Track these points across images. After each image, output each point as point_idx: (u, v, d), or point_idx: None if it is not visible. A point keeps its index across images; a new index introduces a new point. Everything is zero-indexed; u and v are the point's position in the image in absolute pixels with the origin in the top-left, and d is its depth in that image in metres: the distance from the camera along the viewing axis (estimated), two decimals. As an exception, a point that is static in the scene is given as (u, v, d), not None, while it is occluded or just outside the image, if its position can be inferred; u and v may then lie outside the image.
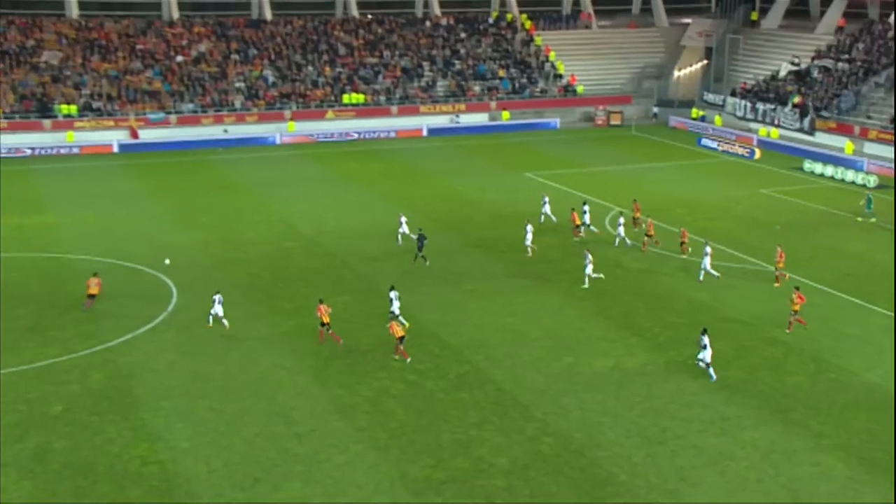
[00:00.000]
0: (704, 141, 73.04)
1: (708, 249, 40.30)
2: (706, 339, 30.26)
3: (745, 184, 59.37)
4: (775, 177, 61.94)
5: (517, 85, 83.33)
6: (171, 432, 26.76)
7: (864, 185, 58.49)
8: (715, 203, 54.06)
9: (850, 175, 60.37)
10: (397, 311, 34.49)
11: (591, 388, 29.68)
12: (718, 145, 71.45)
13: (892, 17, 78.38)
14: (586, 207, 46.66)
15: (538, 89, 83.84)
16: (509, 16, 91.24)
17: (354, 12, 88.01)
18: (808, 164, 63.62)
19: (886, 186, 56.82)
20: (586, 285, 38.98)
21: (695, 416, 27.83)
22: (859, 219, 49.90)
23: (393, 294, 34.87)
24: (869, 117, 69.69)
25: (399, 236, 44.72)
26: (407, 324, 33.22)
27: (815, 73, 76.88)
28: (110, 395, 28.96)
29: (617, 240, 44.41)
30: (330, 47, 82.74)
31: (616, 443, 26.42)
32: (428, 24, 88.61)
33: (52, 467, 24.96)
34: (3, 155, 65.78)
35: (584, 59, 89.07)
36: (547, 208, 48.64)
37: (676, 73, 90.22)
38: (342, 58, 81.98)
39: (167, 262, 41.31)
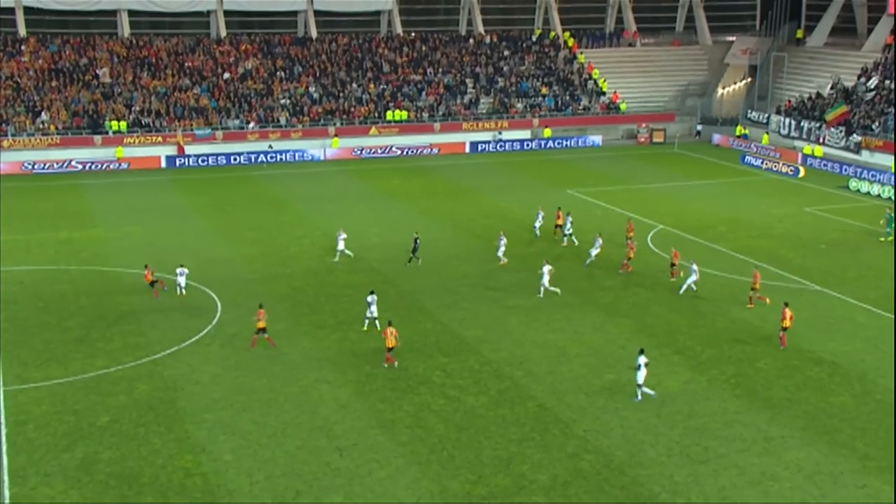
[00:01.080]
0: (748, 159, 72.38)
1: (695, 267, 40.30)
2: (641, 360, 29.56)
3: (789, 202, 58.70)
4: (820, 195, 61.15)
5: (560, 102, 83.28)
6: (215, 444, 27.00)
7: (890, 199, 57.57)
8: (758, 221, 53.50)
9: (897, 194, 59.48)
10: (375, 315, 35.06)
11: (632, 405, 29.45)
12: (762, 163, 70.73)
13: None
14: (569, 218, 47.70)
15: (581, 106, 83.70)
16: (552, 34, 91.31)
17: (398, 29, 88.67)
18: (854, 183, 62.76)
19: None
20: (541, 295, 39.30)
21: (737, 436, 27.49)
22: (882, 238, 49.01)
23: (371, 298, 35.32)
24: (917, 135, 68.59)
25: (337, 254, 44.68)
26: (395, 331, 32.73)
27: (862, 91, 75.86)
28: (155, 406, 29.32)
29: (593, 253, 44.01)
30: (374, 64, 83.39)
31: (657, 461, 26.16)
32: (471, 41, 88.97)
33: (98, 477, 25.30)
34: (55, 170, 67.13)
35: (627, 77, 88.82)
36: (538, 223, 49.24)
37: (720, 91, 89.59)
38: (386, 75, 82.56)
39: (340, 253, 44.24)
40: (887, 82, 75.03)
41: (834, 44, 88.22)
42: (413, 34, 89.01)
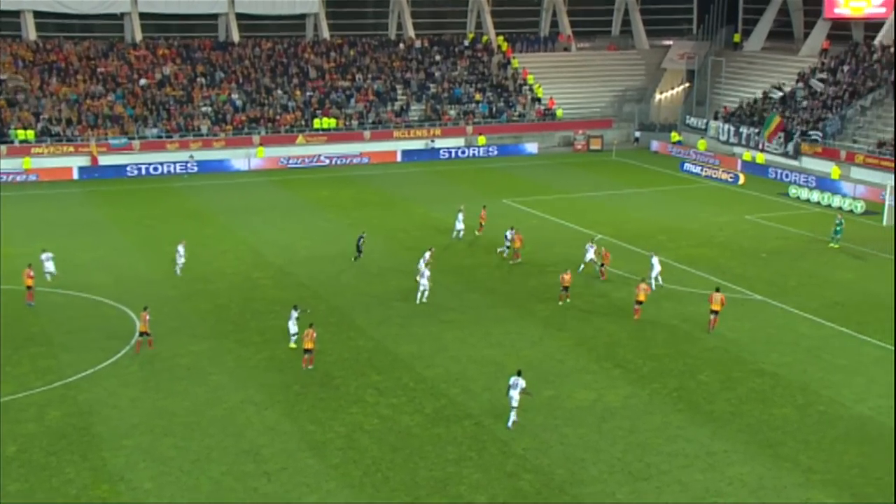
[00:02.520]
0: (687, 166, 73.75)
1: (655, 260, 42.21)
2: (517, 382, 29.14)
3: (729, 210, 59.94)
4: (760, 202, 62.58)
5: (494, 109, 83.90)
6: (134, 472, 26.47)
7: (851, 211, 59.13)
8: (699, 230, 54.50)
9: (837, 200, 61.11)
10: (294, 330, 34.81)
11: (573, 422, 29.70)
12: (702, 170, 72.15)
13: (877, 39, 79.75)
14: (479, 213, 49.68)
15: (516, 113, 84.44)
16: (485, 38, 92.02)
17: (325, 34, 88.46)
18: (793, 190, 64.36)
19: (874, 213, 57.51)
20: (424, 299, 40.22)
21: (679, 451, 27.90)
22: (831, 244, 50.39)
23: (294, 313, 35.16)
24: (855, 141, 70.66)
25: (178, 267, 44.72)
26: (314, 333, 33.65)
27: (800, 97, 77.94)
28: (68, 433, 28.64)
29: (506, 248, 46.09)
30: (300, 70, 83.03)
31: (599, 479, 26.41)
32: (402, 46, 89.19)
33: (6, 511, 24.61)
34: (-44, 182, 65.36)
35: (563, 83, 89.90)
36: (459, 223, 50.83)
37: (658, 97, 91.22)
38: (313, 81, 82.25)
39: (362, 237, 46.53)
40: (825, 87, 77.15)
41: (771, 48, 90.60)
42: (341, 38, 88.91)
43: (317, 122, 77.72)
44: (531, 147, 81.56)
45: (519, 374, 29.54)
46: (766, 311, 40.48)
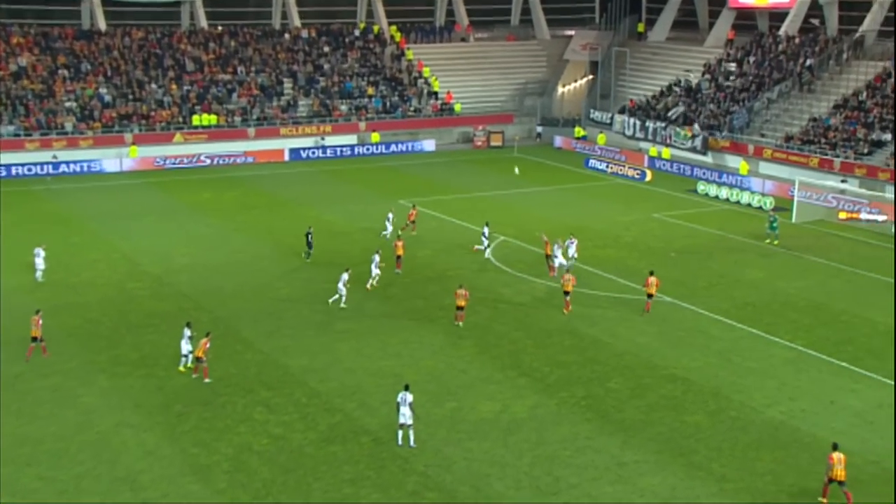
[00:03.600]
0: (592, 162, 75.13)
1: (571, 240, 44.77)
2: (406, 397, 29.09)
3: (636, 208, 61.28)
4: (668, 200, 64.18)
5: (388, 104, 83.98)
6: (-5, 507, 25.64)
7: (760, 208, 61.18)
8: (605, 229, 55.58)
9: (745, 197, 63.08)
10: (187, 350, 34.38)
11: (477, 435, 29.94)
12: (607, 167, 73.60)
13: (782, 29, 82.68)
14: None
15: (411, 108, 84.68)
16: (377, 27, 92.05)
17: (203, 23, 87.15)
18: (702, 186, 66.20)
19: (783, 209, 59.58)
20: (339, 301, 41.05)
21: (589, 463, 28.40)
22: (767, 241, 52.06)
23: (187, 331, 34.71)
24: (763, 135, 73.07)
25: (38, 273, 44.54)
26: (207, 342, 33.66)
27: (706, 89, 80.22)
28: (-80, 466, 27.55)
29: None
30: (176, 62, 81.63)
31: (505, 495, 26.68)
32: (287, 36, 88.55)
33: None
34: None
35: (460, 75, 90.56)
36: (389, 224, 51.78)
37: (560, 90, 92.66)
38: (190, 74, 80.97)
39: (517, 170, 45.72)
40: (732, 78, 79.64)
41: (676, 38, 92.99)
42: (220, 28, 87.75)
43: (196, 119, 76.52)
44: (428, 144, 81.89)
45: (406, 388, 29.53)
46: (675, 313, 41.53)
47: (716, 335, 38.92)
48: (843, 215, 57.57)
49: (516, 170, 50.92)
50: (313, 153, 77.96)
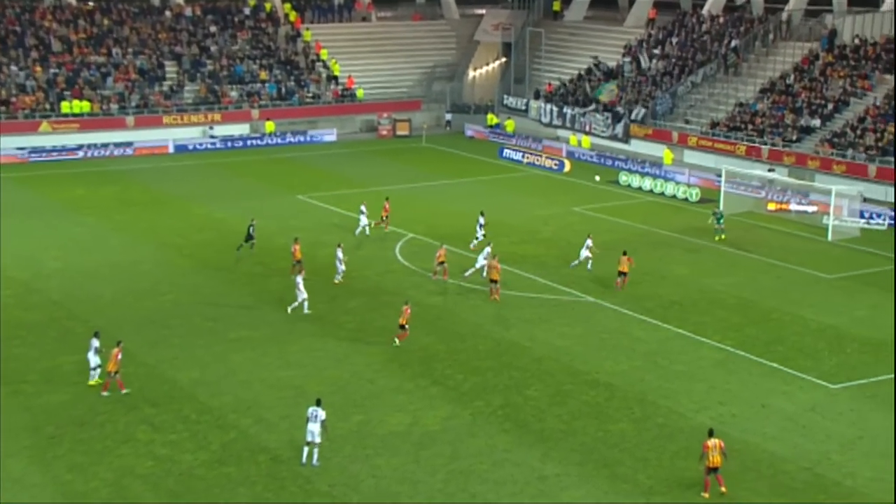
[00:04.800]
0: (507, 152, 75.65)
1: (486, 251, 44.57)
2: (316, 413, 28.83)
3: (554, 201, 61.87)
4: (588, 192, 64.92)
5: (284, 90, 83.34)
6: None
7: (685, 199, 62.27)
8: (521, 224, 55.98)
9: (670, 188, 64.18)
10: (96, 363, 33.82)
11: (386, 450, 29.89)
12: (523, 157, 74.16)
13: (706, 8, 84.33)
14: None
15: (309, 94, 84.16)
16: (269, 5, 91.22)
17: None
18: (624, 177, 67.16)
19: (710, 200, 60.74)
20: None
21: (507, 477, 28.56)
22: (716, 238, 52.88)
23: (94, 342, 34.14)
24: (687, 122, 74.45)
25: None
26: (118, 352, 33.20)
27: (627, 72, 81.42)
28: None
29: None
30: (40, 41, 79.72)
31: (418, 515, 26.71)
32: (168, 14, 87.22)
33: None
34: None
35: (363, 58, 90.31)
36: (363, 219, 52.16)
37: (471, 74, 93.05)
38: (58, 55, 79.18)
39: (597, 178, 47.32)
40: (654, 61, 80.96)
41: (594, 17, 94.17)
42: (91, 3, 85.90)
43: (65, 106, 74.85)
44: (329, 134, 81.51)
45: (318, 403, 29.34)
46: (598, 313, 42.04)
47: (640, 336, 39.50)
48: (772, 206, 59.01)
49: (597, 178, 52.45)
50: (201, 144, 76.98)
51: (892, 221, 55.55)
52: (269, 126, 79.59)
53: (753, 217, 57.56)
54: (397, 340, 37.85)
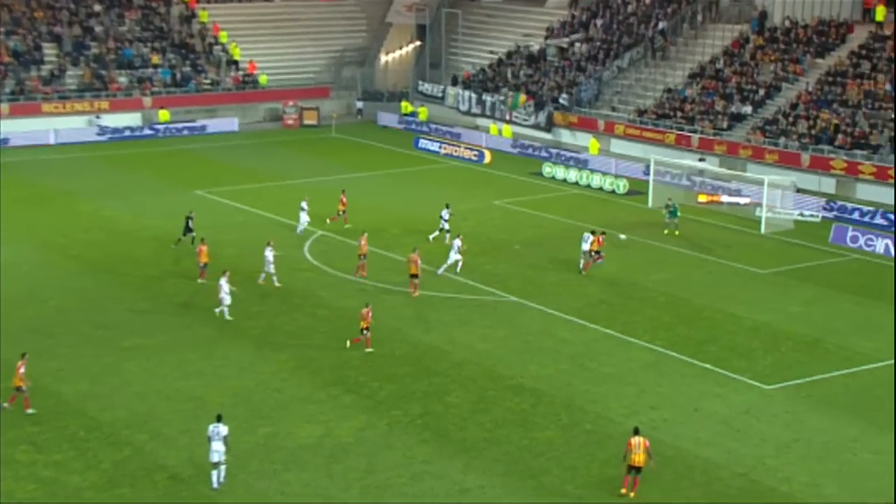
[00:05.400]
0: (423, 142, 75.76)
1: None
2: (217, 430, 28.57)
3: (474, 195, 62.08)
4: (510, 184, 65.29)
5: (179, 76, 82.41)
6: None
7: (612, 191, 62.94)
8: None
9: (596, 179, 64.78)
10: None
11: (296, 465, 29.75)
12: (440, 147, 74.31)
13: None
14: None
15: (207, 81, 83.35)
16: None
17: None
18: (548, 168, 67.66)
19: (639, 192, 61.48)
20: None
21: (427, 491, 28.60)
22: (666, 231, 53.43)
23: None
24: (613, 109, 75.28)
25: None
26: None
27: (550, 56, 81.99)
28: None
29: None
30: None
31: (331, 534, 26.64)
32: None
33: None
34: None
35: (265, 41, 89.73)
36: (304, 216, 52.05)
37: (384, 58, 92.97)
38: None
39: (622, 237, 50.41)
40: (577, 45, 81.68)
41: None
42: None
43: (-72, 93, 73.26)
44: (229, 123, 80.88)
45: (219, 419, 29.00)
46: (522, 314, 42.30)
47: (567, 338, 39.83)
48: (703, 198, 59.94)
49: (622, 236, 52.45)
50: (87, 135, 75.77)
51: (826, 214, 56.86)
52: (164, 115, 78.67)
53: (684, 210, 58.25)
54: (368, 348, 37.86)
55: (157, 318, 40.87)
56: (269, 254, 44.34)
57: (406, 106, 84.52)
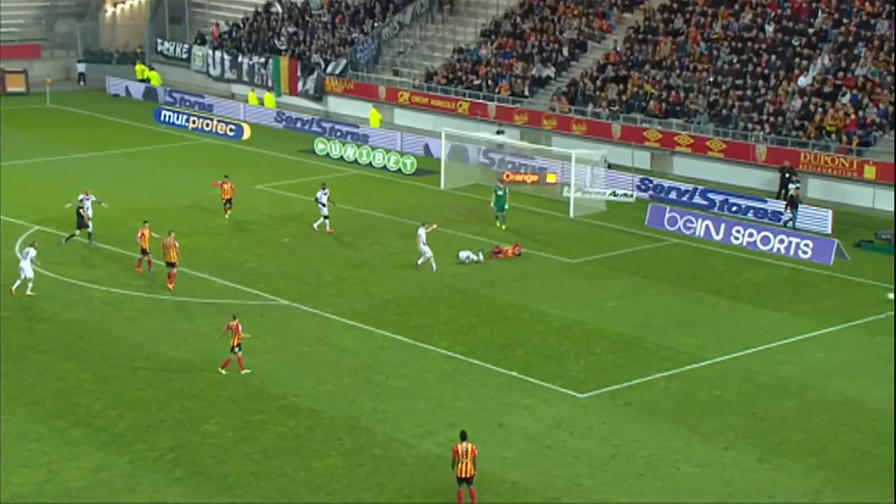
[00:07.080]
0: (165, 114, 74.65)
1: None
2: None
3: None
4: (276, 164, 65.09)
5: None
6: None
7: (399, 171, 63.42)
8: (189, 209, 55.41)
9: (379, 157, 65.06)
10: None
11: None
12: (188, 121, 73.38)
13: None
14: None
15: None
16: None
17: None
18: (321, 145, 67.68)
19: (429, 172, 62.11)
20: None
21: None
22: (498, 223, 53.88)
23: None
24: (396, 73, 75.83)
25: None
26: None
27: (316, 8, 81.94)
28: None
29: None
30: None
31: None
32: None
33: None
34: None
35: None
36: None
37: (110, 10, 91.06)
38: None
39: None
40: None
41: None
42: None
43: None
44: None
45: None
46: (294, 320, 42.28)
47: (350, 347, 40.00)
48: (506, 177, 61.01)
49: (891, 296, 44.62)
50: None
51: (641, 193, 58.48)
52: None
53: (482, 191, 59.23)
54: (243, 369, 37.37)
55: None
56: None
57: (142, 70, 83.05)
